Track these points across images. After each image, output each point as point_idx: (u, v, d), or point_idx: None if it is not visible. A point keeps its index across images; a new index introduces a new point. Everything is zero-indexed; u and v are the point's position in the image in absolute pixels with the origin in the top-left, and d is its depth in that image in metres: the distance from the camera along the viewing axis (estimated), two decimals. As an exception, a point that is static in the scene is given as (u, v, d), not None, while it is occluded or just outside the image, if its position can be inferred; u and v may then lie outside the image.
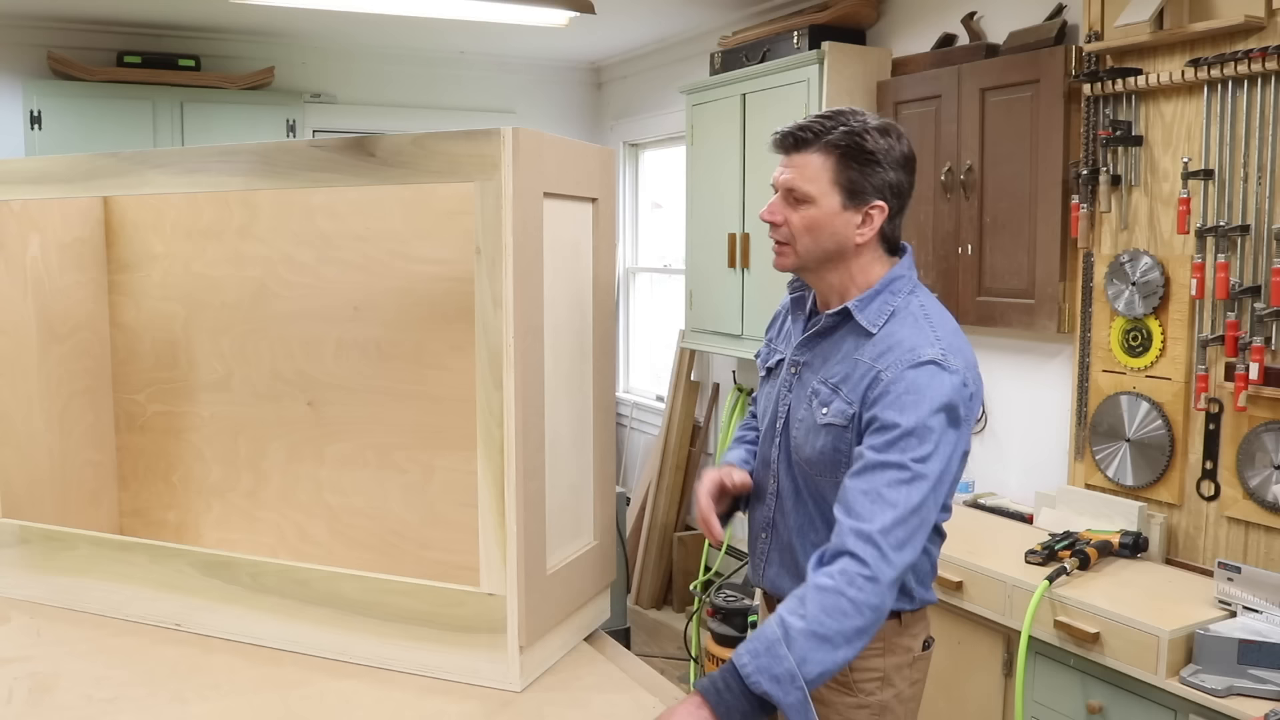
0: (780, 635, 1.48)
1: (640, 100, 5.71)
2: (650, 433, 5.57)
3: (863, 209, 1.68)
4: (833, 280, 1.74)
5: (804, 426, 1.73)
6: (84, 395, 2.50)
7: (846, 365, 1.69)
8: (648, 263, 5.94)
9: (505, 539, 1.73)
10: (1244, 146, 2.62)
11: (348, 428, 2.31)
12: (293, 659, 1.93)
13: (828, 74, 3.70)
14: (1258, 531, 2.64)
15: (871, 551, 1.51)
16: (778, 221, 1.72)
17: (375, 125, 5.36)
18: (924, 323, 1.68)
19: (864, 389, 1.64)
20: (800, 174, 1.68)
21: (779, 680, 1.47)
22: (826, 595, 1.49)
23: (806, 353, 1.78)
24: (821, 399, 1.70)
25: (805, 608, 1.50)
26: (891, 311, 1.69)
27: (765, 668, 1.48)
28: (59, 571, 2.19)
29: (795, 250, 1.72)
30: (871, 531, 1.51)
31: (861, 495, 1.55)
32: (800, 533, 1.78)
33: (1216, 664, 2.24)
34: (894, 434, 1.56)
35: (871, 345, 1.67)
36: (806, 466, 1.74)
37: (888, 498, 1.53)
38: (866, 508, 1.53)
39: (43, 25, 4.80)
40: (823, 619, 1.48)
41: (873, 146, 1.65)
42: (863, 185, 1.66)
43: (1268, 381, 2.57)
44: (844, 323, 1.73)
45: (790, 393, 1.78)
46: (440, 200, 2.15)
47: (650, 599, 5.14)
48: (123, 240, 2.51)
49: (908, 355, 1.62)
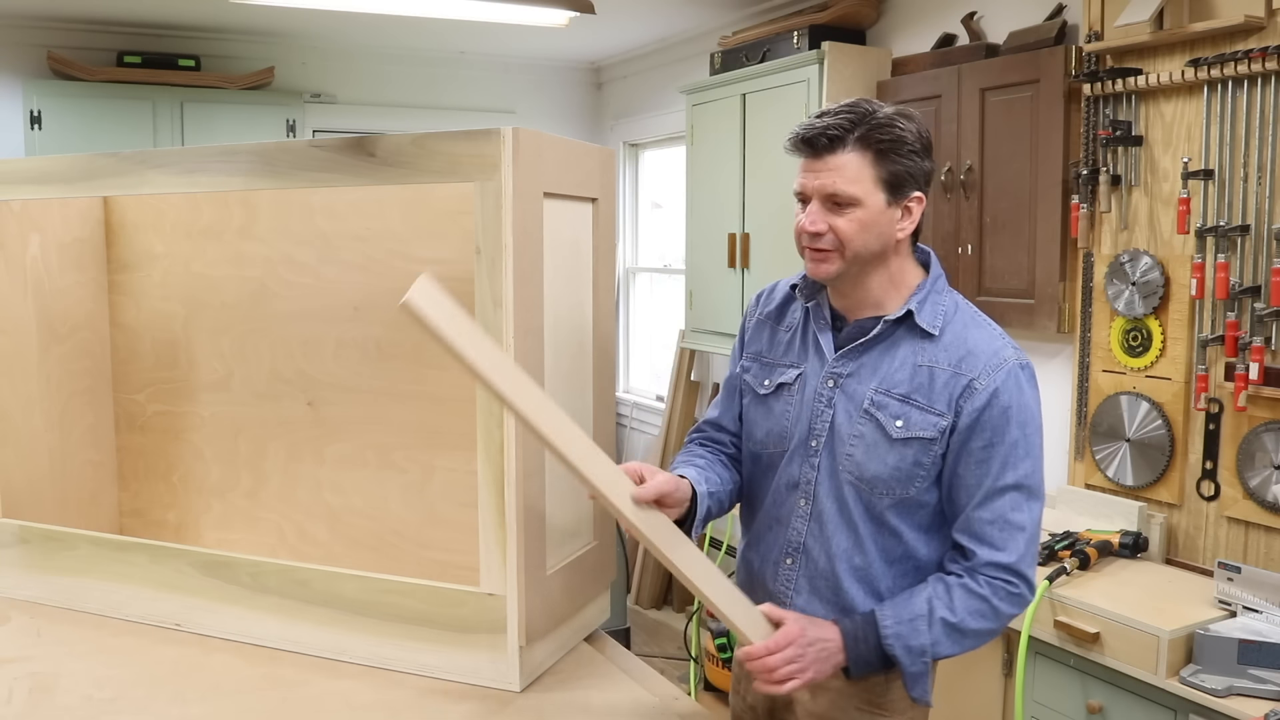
0: (925, 613, 1.58)
1: (640, 100, 5.71)
2: (650, 433, 5.57)
3: (903, 202, 1.62)
4: (872, 284, 1.65)
5: (865, 443, 1.62)
6: (84, 395, 2.50)
7: (910, 372, 1.61)
8: (648, 263, 5.94)
9: (505, 539, 1.73)
10: (1244, 146, 2.62)
11: (348, 428, 2.31)
12: (292, 659, 1.93)
13: (828, 74, 3.70)
14: (1258, 531, 2.64)
15: (1018, 579, 1.60)
16: (822, 230, 1.59)
17: (375, 125, 5.36)
18: (984, 322, 1.67)
19: (955, 397, 1.58)
20: (839, 176, 1.57)
21: (911, 650, 1.58)
22: (974, 599, 1.59)
23: (849, 363, 1.65)
24: (891, 411, 1.61)
25: (953, 602, 1.58)
26: (944, 313, 1.64)
27: (903, 635, 1.58)
28: (59, 571, 2.19)
29: (843, 256, 1.60)
30: (1012, 564, 1.59)
31: (990, 525, 1.59)
32: (846, 558, 1.66)
33: (1216, 664, 2.24)
34: (1009, 449, 1.58)
35: (937, 349, 1.61)
36: (866, 486, 1.63)
37: (1014, 520, 1.59)
38: (1000, 536, 1.59)
39: (43, 25, 4.80)
40: (966, 618, 1.58)
41: (908, 136, 1.59)
42: (904, 178, 1.60)
43: (1268, 381, 2.57)
44: (897, 328, 1.64)
45: (830, 407, 1.65)
46: (440, 200, 2.14)
47: (650, 599, 5.14)
48: (123, 240, 2.51)
49: (995, 361, 1.60)
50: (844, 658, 1.59)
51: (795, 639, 1.56)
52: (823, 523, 1.67)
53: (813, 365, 1.70)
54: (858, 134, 1.58)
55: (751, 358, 1.80)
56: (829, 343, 1.69)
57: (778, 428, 1.72)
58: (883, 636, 1.58)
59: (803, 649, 1.56)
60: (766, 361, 1.77)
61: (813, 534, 1.68)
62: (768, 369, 1.76)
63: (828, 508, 1.67)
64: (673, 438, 5.16)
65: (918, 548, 1.65)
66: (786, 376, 1.73)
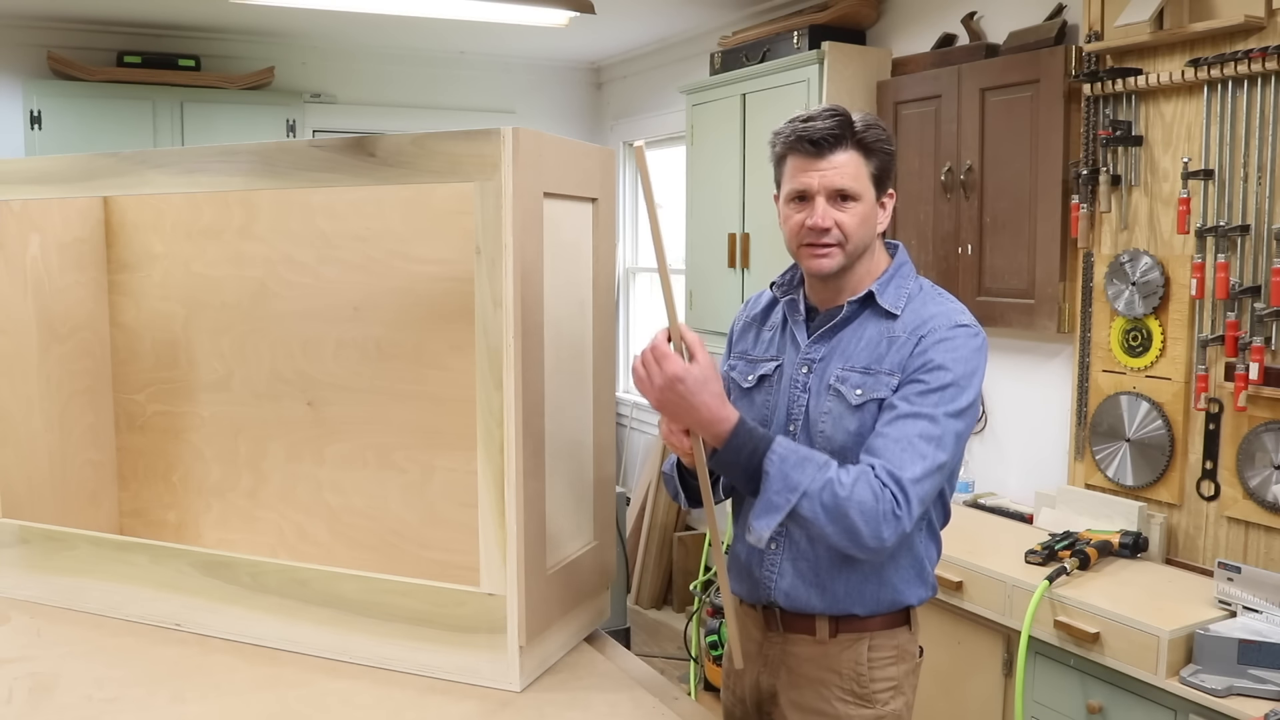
0: (820, 465, 1.56)
1: (640, 100, 5.71)
2: (650, 433, 5.57)
3: (882, 198, 1.73)
4: (856, 274, 1.74)
5: (831, 416, 1.70)
6: (84, 395, 2.50)
7: (873, 347, 1.70)
8: (648, 263, 5.94)
9: (505, 539, 1.73)
10: (1244, 146, 2.62)
11: (348, 428, 2.31)
12: (292, 659, 1.93)
13: (828, 74, 3.70)
14: (1258, 531, 2.64)
15: (902, 497, 1.55)
16: (829, 226, 1.67)
17: (375, 125, 5.36)
18: (944, 298, 1.75)
19: (905, 357, 1.66)
20: (844, 173, 1.67)
21: (783, 480, 1.55)
22: (869, 495, 1.54)
23: (821, 347, 1.75)
24: (852, 383, 1.69)
25: (852, 484, 1.54)
26: (908, 294, 1.73)
27: (787, 460, 1.56)
28: (59, 571, 2.19)
29: (844, 250, 1.70)
30: (903, 478, 1.56)
31: (893, 443, 1.58)
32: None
33: (1216, 664, 2.24)
34: (930, 385, 1.61)
35: (899, 325, 1.70)
36: (838, 457, 1.66)
37: (919, 449, 1.58)
38: (898, 455, 1.57)
39: (43, 25, 4.80)
40: (848, 494, 1.53)
41: (886, 136, 1.72)
42: (886, 175, 1.72)
43: (1268, 381, 2.57)
44: (863, 310, 1.73)
45: (805, 391, 1.74)
46: (440, 200, 2.14)
47: (650, 599, 5.14)
48: (123, 240, 2.51)
49: (945, 320, 1.67)
50: (721, 431, 1.57)
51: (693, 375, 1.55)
52: None
53: (789, 355, 1.79)
54: (856, 135, 1.68)
55: (738, 356, 1.90)
56: (802, 332, 1.79)
57: (758, 417, 1.79)
58: (768, 451, 1.57)
59: (692, 387, 1.54)
60: (750, 359, 1.86)
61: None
62: (751, 365, 1.85)
63: None
64: (673, 438, 5.16)
65: None
66: (766, 369, 1.82)
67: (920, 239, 3.48)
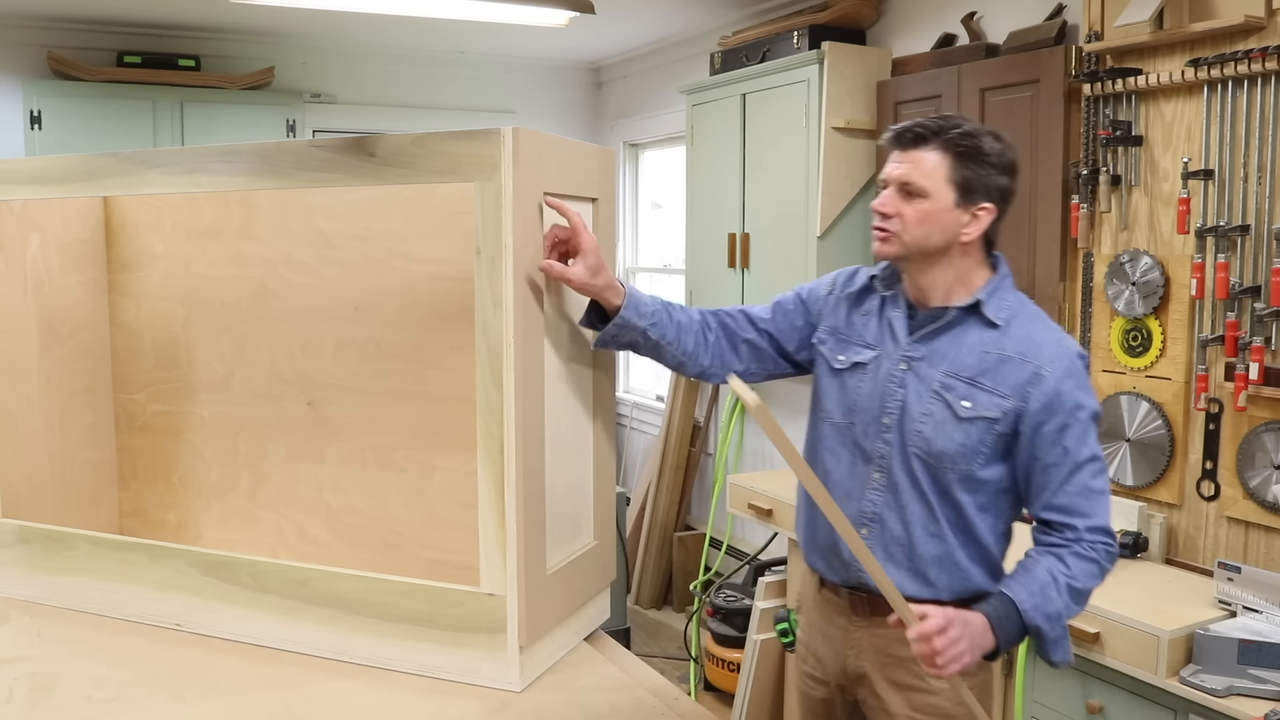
0: (1050, 581, 1.69)
1: (640, 100, 5.71)
2: (650, 433, 5.57)
3: (971, 209, 1.75)
4: (935, 276, 1.79)
5: (934, 421, 1.75)
6: (84, 395, 2.50)
7: (977, 357, 1.75)
8: (648, 263, 5.94)
9: (505, 539, 1.73)
10: (1244, 146, 2.62)
11: (348, 428, 2.31)
12: (293, 659, 1.93)
13: (828, 74, 3.70)
14: (1258, 531, 2.64)
15: (1111, 539, 1.74)
16: (890, 213, 1.76)
17: (375, 125, 5.36)
18: (1046, 318, 1.81)
19: (1022, 384, 1.72)
20: (916, 169, 1.73)
21: (1050, 618, 1.68)
22: (1086, 563, 1.71)
23: (921, 348, 1.79)
24: (959, 393, 1.74)
25: (1070, 569, 1.70)
26: (1010, 308, 1.78)
27: (1039, 606, 1.68)
28: (59, 571, 2.19)
29: (902, 240, 1.76)
30: (1105, 525, 1.74)
31: (1078, 498, 1.72)
32: (922, 524, 1.78)
33: (1216, 664, 2.24)
34: (1080, 424, 1.71)
35: (1003, 338, 1.75)
36: (934, 460, 1.76)
37: (1095, 487, 1.73)
38: (1089, 505, 1.72)
39: (43, 25, 4.80)
40: (1081, 577, 1.70)
41: (988, 149, 1.73)
42: (975, 185, 1.74)
43: (1268, 381, 2.57)
44: (966, 317, 1.78)
45: (902, 388, 1.79)
46: (440, 200, 2.15)
47: (650, 599, 5.14)
48: (123, 240, 2.51)
49: (1059, 350, 1.73)
50: (992, 638, 1.66)
51: (954, 619, 1.61)
52: (897, 493, 1.79)
53: (887, 348, 1.83)
54: (945, 137, 1.73)
55: (828, 331, 1.92)
56: (903, 327, 1.83)
57: (848, 401, 1.85)
58: (1023, 612, 1.67)
59: (961, 631, 1.62)
60: (842, 338, 1.90)
61: (888, 504, 1.80)
62: (843, 344, 1.89)
63: (901, 480, 1.79)
64: (673, 438, 5.16)
65: (976, 522, 1.77)
66: (862, 356, 1.86)
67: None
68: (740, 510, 3.71)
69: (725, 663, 3.90)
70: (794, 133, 3.81)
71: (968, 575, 1.79)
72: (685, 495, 5.22)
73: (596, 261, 1.80)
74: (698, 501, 5.31)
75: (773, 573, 3.59)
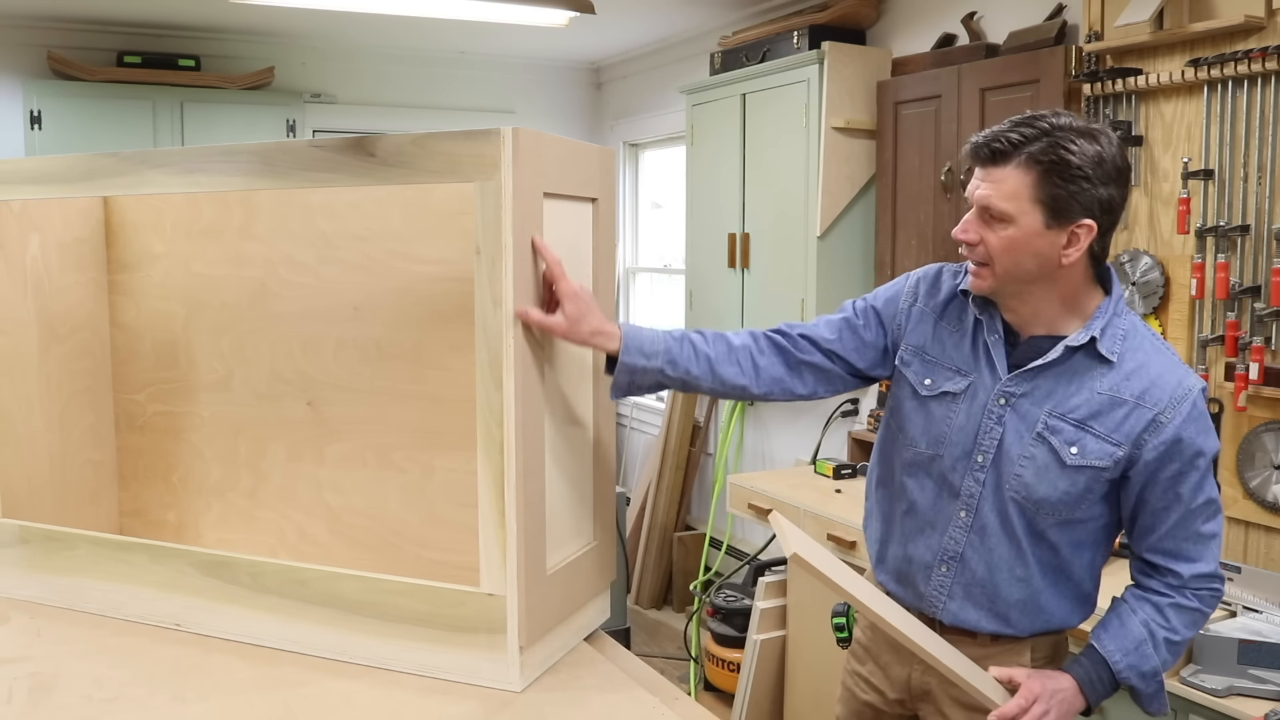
0: (1147, 637, 1.65)
1: (640, 100, 5.71)
2: (650, 433, 5.57)
3: (1068, 228, 1.54)
4: (1037, 304, 1.62)
5: (1035, 465, 1.62)
6: (84, 395, 2.50)
7: (1088, 397, 1.60)
8: (648, 263, 5.95)
9: (505, 539, 1.73)
10: (1244, 146, 2.62)
11: (348, 428, 2.31)
12: (293, 659, 1.93)
13: (828, 74, 3.70)
14: (1258, 531, 2.64)
15: (1219, 583, 1.68)
16: (973, 241, 1.58)
17: (375, 125, 5.36)
18: (1163, 347, 1.65)
19: (1138, 432, 1.58)
20: (997, 190, 1.54)
21: (1145, 676, 1.65)
22: (1187, 614, 1.66)
23: (1024, 383, 1.63)
24: (1065, 437, 1.60)
25: (1170, 621, 1.66)
26: (1123, 335, 1.62)
27: (1134, 665, 1.65)
28: (59, 571, 2.19)
29: (994, 272, 1.58)
30: (1213, 571, 1.66)
31: (1186, 541, 1.65)
32: (1008, 568, 1.69)
33: (1216, 664, 2.24)
34: (1199, 471, 1.61)
35: (1118, 377, 1.60)
36: (1032, 506, 1.64)
37: (1206, 532, 1.64)
38: (1197, 550, 1.65)
39: (43, 25, 4.80)
40: (1183, 631, 1.67)
41: (1079, 160, 1.51)
42: (1068, 203, 1.53)
43: (1268, 381, 2.57)
44: (1075, 352, 1.61)
45: (999, 425, 1.64)
46: (440, 200, 2.14)
47: (650, 599, 5.14)
48: (123, 240, 2.51)
49: (1179, 393, 1.59)
50: (1082, 700, 1.64)
51: (1039, 694, 1.59)
52: (985, 535, 1.69)
53: (983, 378, 1.67)
54: (1027, 151, 1.52)
55: (912, 352, 1.76)
56: (1002, 359, 1.66)
57: (936, 432, 1.71)
58: (1117, 672, 1.65)
59: (1048, 704, 1.59)
60: (929, 360, 1.74)
61: (972, 545, 1.70)
62: (930, 368, 1.73)
63: (990, 521, 1.68)
64: (673, 438, 5.16)
65: (1071, 560, 1.71)
66: (954, 385, 1.70)
67: (920, 239, 3.48)
68: (740, 510, 3.71)
69: (725, 663, 3.90)
70: (794, 133, 3.82)
71: (1050, 617, 1.73)
72: (685, 495, 5.22)
73: (578, 310, 1.67)
74: (698, 501, 5.31)
75: (773, 573, 3.59)
